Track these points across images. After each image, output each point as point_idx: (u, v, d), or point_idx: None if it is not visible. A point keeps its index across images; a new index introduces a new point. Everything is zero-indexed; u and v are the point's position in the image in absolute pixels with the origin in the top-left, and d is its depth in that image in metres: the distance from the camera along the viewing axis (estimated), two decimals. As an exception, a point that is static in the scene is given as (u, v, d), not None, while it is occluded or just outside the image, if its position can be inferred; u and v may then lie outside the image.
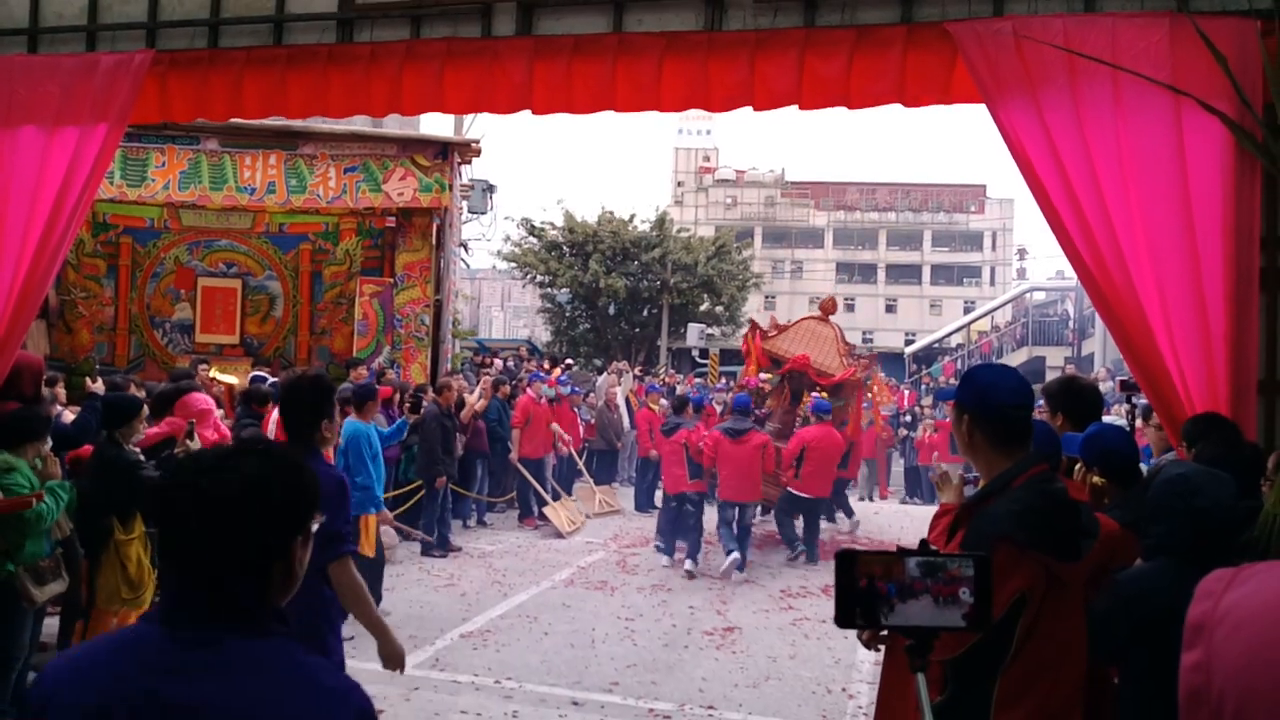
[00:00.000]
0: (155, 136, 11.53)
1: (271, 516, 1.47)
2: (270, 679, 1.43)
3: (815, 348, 11.13)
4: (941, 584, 2.04)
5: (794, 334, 11.49)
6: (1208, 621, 1.03)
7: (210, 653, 1.43)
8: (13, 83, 5.16)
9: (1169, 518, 2.60)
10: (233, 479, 1.46)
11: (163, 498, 1.49)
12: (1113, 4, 4.09)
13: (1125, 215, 3.84)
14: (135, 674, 1.43)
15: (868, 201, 54.23)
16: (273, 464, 1.50)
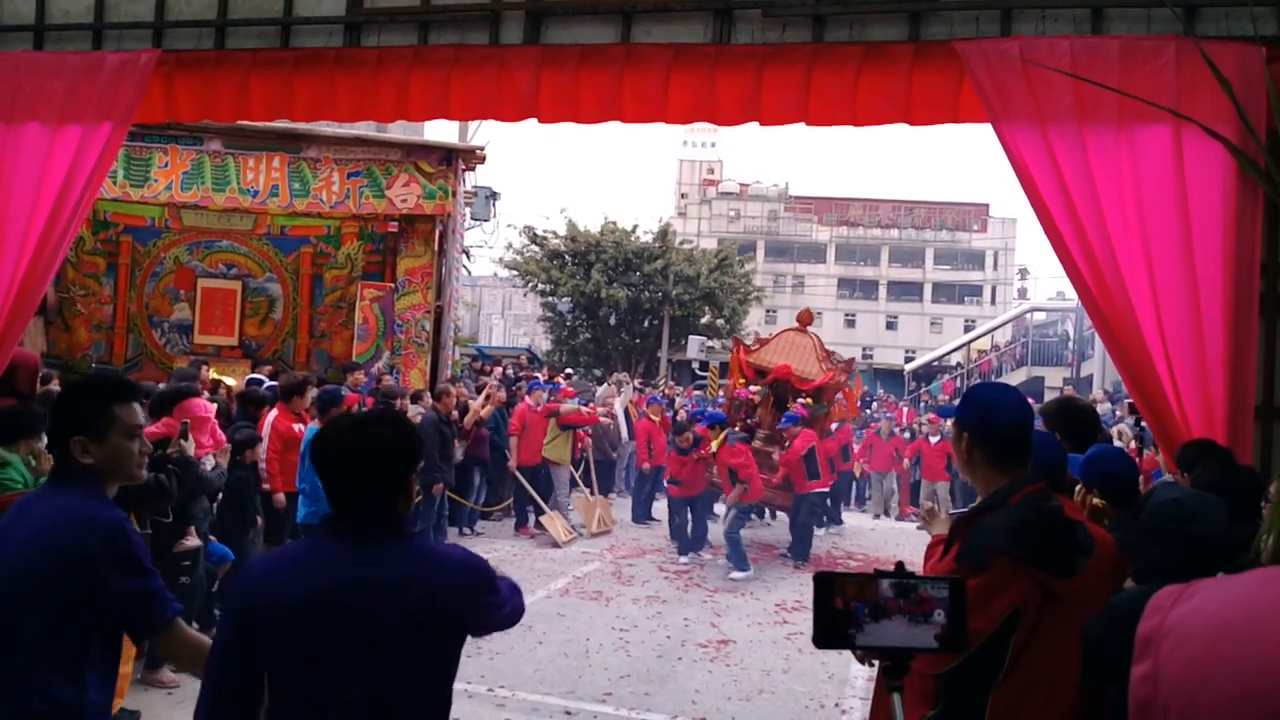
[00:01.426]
0: (159, 136, 11.54)
1: (400, 461, 2.15)
2: (422, 560, 2.14)
3: (795, 357, 11.81)
4: (915, 605, 2.06)
5: (775, 346, 12.23)
6: (1155, 635, 1.09)
7: (380, 549, 2.10)
8: (18, 79, 5.17)
9: (1163, 541, 2.60)
10: (378, 436, 2.14)
11: (326, 449, 2.15)
12: (1119, 25, 4.11)
13: (1126, 237, 3.85)
14: (330, 569, 2.08)
15: (870, 218, 54.34)
16: (396, 426, 2.20)
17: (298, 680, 2.09)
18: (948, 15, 4.34)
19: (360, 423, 2.22)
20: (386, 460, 2.14)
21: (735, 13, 4.60)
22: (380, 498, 2.15)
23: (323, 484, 2.18)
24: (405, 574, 2.10)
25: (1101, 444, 3.79)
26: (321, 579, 2.08)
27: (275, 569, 2.16)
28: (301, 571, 2.10)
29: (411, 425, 2.29)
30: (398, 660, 2.09)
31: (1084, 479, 3.33)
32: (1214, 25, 4.03)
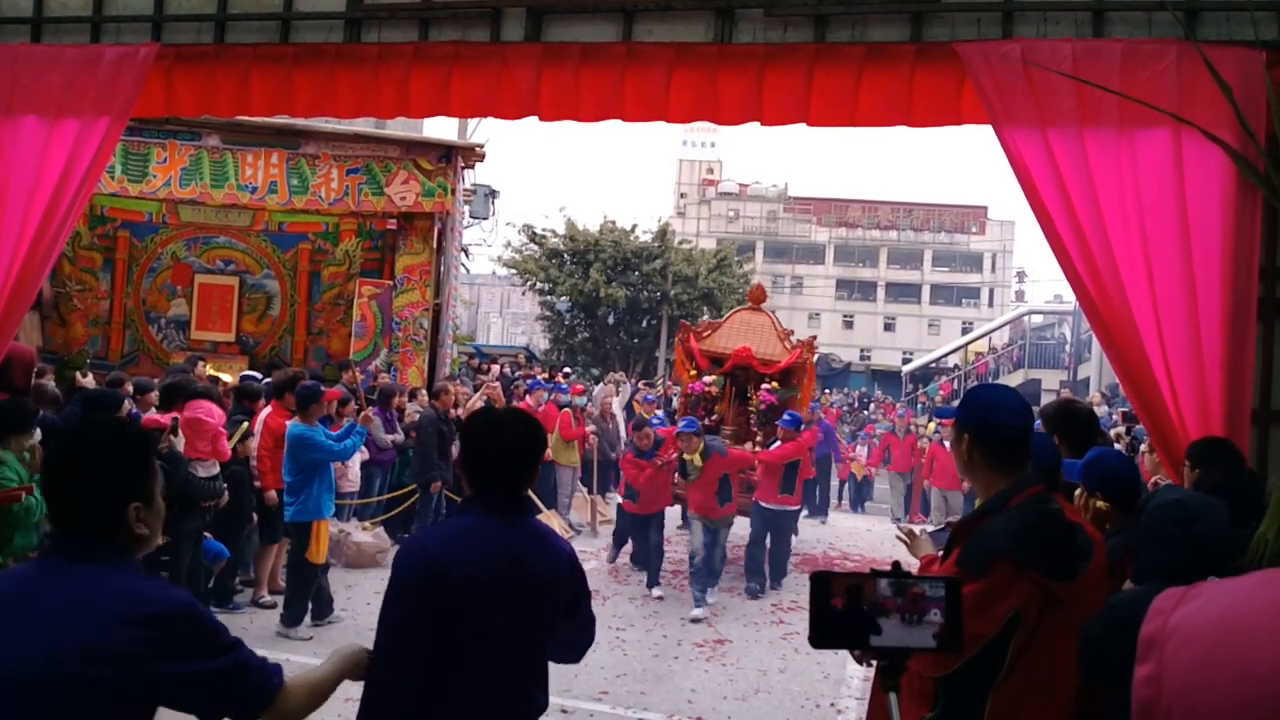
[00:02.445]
0: (157, 131, 11.51)
1: (534, 451, 2.61)
2: (545, 536, 2.63)
3: (754, 338, 10.56)
4: (911, 604, 2.06)
5: (729, 328, 10.90)
6: (1158, 637, 1.09)
7: (521, 526, 2.55)
8: (15, 72, 5.14)
9: (1164, 543, 2.59)
10: (518, 429, 2.57)
11: (473, 441, 2.58)
12: (1121, 29, 4.10)
13: (1126, 240, 3.85)
14: (494, 541, 2.46)
15: (869, 219, 54.35)
16: (529, 423, 2.64)
17: (470, 641, 2.40)
18: (949, 17, 4.34)
19: (508, 419, 2.63)
20: (529, 450, 2.58)
21: (737, 12, 4.59)
22: (517, 482, 2.57)
23: (472, 470, 2.58)
24: (537, 549, 2.54)
25: (1101, 447, 3.79)
26: (491, 549, 2.44)
27: (451, 538, 2.48)
28: (475, 542, 2.45)
29: (539, 424, 2.69)
30: (537, 621, 2.53)
31: (1085, 482, 3.33)
32: (1215, 29, 4.03)
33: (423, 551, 2.47)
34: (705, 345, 10.64)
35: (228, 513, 6.94)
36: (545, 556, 2.57)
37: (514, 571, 2.46)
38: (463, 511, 2.60)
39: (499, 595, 2.43)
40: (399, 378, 11.62)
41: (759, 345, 10.40)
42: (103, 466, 1.90)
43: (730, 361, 10.30)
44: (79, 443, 1.96)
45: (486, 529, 2.49)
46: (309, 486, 6.88)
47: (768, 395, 10.02)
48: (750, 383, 10.41)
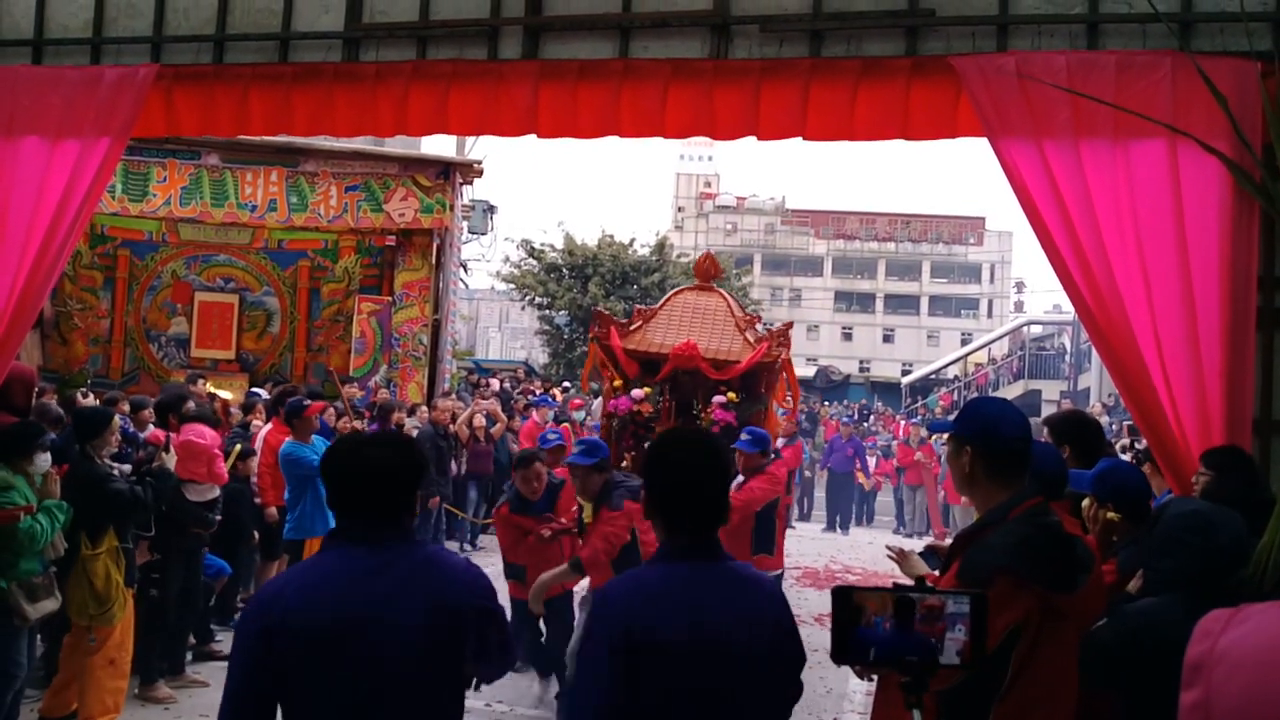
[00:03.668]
0: (156, 151, 11.55)
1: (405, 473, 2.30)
2: (437, 566, 2.29)
3: (701, 329, 7.56)
4: (936, 620, 2.04)
5: (666, 318, 7.72)
6: (1206, 661, 1.05)
7: (395, 550, 2.24)
8: (16, 93, 5.16)
9: (1183, 553, 2.58)
10: (384, 456, 2.28)
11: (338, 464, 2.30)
12: (1115, 41, 4.12)
13: (1123, 251, 3.86)
14: (352, 579, 2.17)
15: (867, 231, 54.50)
16: (401, 445, 2.39)
17: (319, 696, 2.14)
18: (944, 31, 4.36)
19: (368, 442, 2.35)
20: (394, 477, 2.29)
21: (733, 28, 4.62)
22: (387, 509, 2.28)
23: (333, 498, 2.31)
24: (422, 576, 2.23)
25: (1110, 458, 3.80)
26: (345, 590, 2.17)
27: (295, 585, 2.22)
28: (325, 585, 2.18)
29: (413, 446, 2.44)
30: (415, 676, 2.18)
31: (1096, 493, 3.33)
32: (1209, 41, 4.05)
33: (265, 600, 2.23)
34: (633, 344, 7.48)
35: (229, 530, 6.92)
36: (429, 591, 2.22)
37: (376, 618, 2.14)
38: (325, 547, 2.34)
39: (352, 646, 2.13)
40: (399, 393, 11.62)
41: (709, 339, 7.45)
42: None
43: (668, 364, 7.29)
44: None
45: (346, 567, 2.21)
46: (302, 503, 6.88)
47: (722, 412, 7.13)
48: (699, 393, 7.43)
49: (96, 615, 5.15)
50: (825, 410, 24.84)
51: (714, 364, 7.32)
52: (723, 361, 7.32)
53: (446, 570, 2.31)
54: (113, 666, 5.27)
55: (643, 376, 7.57)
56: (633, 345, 7.59)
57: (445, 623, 2.21)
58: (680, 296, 8.12)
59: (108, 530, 5.22)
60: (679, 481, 2.25)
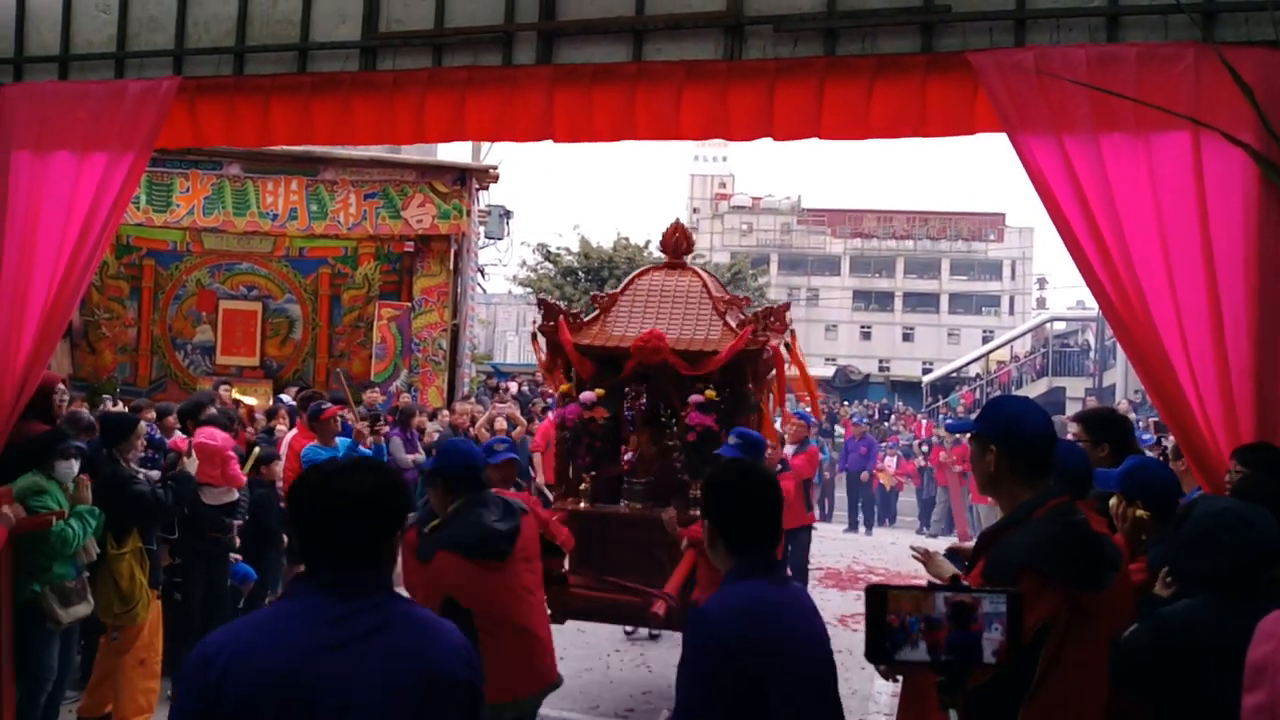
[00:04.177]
0: (179, 162, 11.69)
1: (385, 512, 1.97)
2: (414, 628, 1.92)
3: (672, 314, 6.17)
4: (972, 620, 2.03)
5: (629, 304, 6.29)
6: (1271, 662, 1.03)
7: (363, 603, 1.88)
8: (45, 109, 5.26)
9: (1213, 550, 2.55)
10: (359, 484, 1.93)
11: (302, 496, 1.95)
12: (1136, 33, 4.09)
13: (1146, 246, 3.82)
14: (307, 632, 1.83)
15: (885, 229, 54.28)
16: (379, 475, 1.99)
17: None
18: (961, 27, 4.33)
19: (341, 469, 2.00)
20: (372, 511, 1.93)
21: (746, 28, 4.61)
22: (363, 551, 1.92)
23: (300, 536, 1.97)
24: (394, 641, 1.87)
25: (1138, 455, 3.77)
26: (297, 651, 1.82)
27: (243, 639, 1.87)
28: (276, 643, 1.82)
29: (397, 474, 2.07)
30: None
31: (1124, 491, 3.31)
32: (1233, 30, 4.00)
33: (204, 655, 1.86)
34: (586, 337, 6.09)
35: (256, 534, 6.99)
36: (400, 659, 1.85)
37: (334, 676, 1.80)
38: (288, 593, 2.00)
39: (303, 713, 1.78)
40: (419, 398, 11.68)
41: (681, 326, 6.04)
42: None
43: (632, 360, 5.85)
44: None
45: (301, 619, 1.86)
46: None
47: (699, 415, 5.75)
48: (672, 394, 6.11)
49: (120, 614, 5.27)
50: (845, 410, 24.75)
51: (686, 357, 5.78)
52: (697, 353, 5.79)
53: (425, 634, 1.92)
54: (143, 667, 5.39)
55: (603, 377, 6.06)
56: (586, 340, 6.02)
57: (413, 702, 1.83)
58: (645, 278, 6.45)
59: (132, 531, 5.33)
60: (748, 508, 2.41)
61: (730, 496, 2.45)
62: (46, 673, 4.89)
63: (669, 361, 5.78)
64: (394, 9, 5.07)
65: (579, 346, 6.03)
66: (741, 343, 5.69)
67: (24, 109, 5.33)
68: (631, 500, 5.94)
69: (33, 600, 4.77)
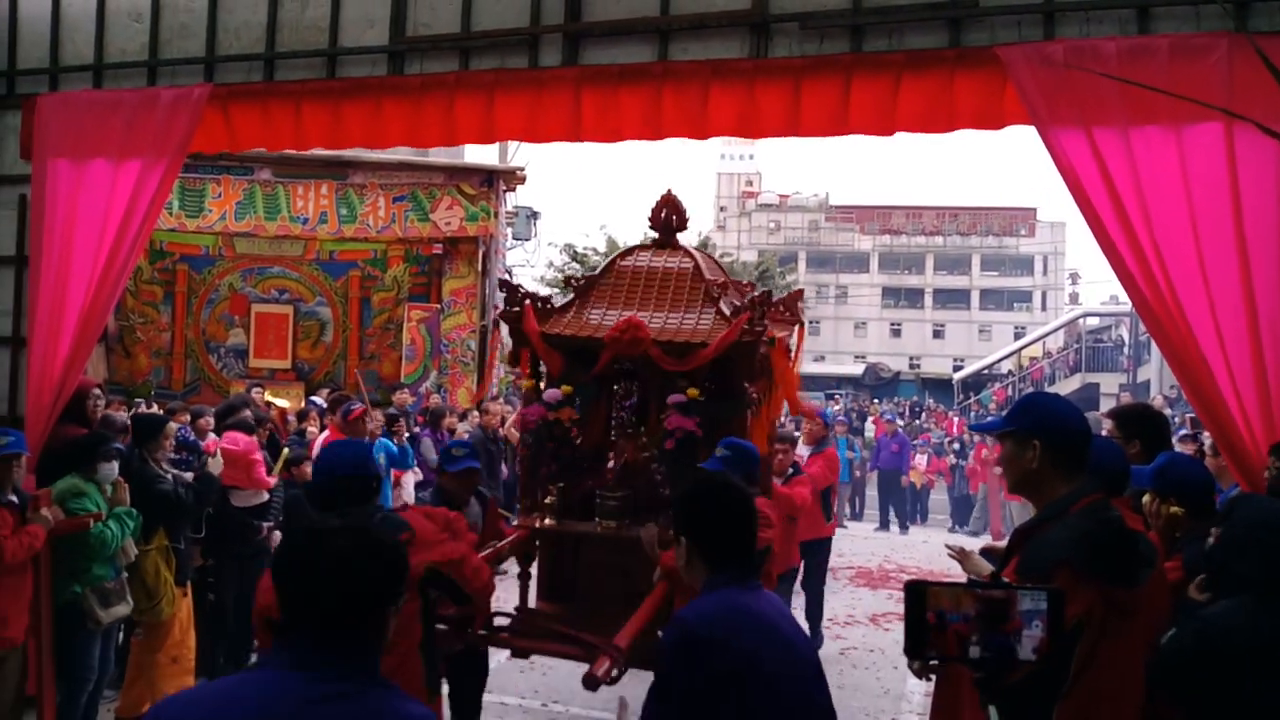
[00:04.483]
0: (211, 167, 11.85)
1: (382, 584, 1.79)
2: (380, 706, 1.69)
3: (658, 300, 5.25)
4: (1011, 617, 2.02)
5: (609, 289, 5.37)
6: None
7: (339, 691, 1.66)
8: (80, 117, 5.36)
9: (1260, 554, 2.51)
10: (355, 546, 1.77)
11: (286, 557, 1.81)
12: (1167, 24, 4.04)
13: (1179, 239, 3.78)
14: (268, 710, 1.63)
15: (914, 225, 53.87)
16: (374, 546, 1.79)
17: None
18: (989, 21, 4.30)
19: (331, 530, 1.82)
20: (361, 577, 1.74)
21: (772, 26, 4.61)
22: (341, 623, 1.72)
23: (281, 602, 1.78)
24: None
25: (1170, 452, 3.72)
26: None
27: (201, 709, 1.69)
28: (231, 713, 1.65)
29: (389, 543, 1.86)
30: None
31: (1157, 488, 3.28)
32: (1267, 20, 3.94)
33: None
34: (557, 326, 5.17)
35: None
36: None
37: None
38: (257, 663, 1.91)
39: None
40: (448, 399, 11.76)
41: (668, 314, 5.14)
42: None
43: (607, 353, 4.92)
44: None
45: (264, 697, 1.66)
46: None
47: (679, 418, 4.81)
48: (655, 392, 5.09)
49: (146, 610, 5.35)
50: (875, 408, 24.62)
51: (670, 349, 4.87)
52: (683, 345, 4.88)
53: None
54: (176, 665, 5.49)
55: (575, 372, 5.11)
56: (556, 329, 5.13)
57: None
58: (630, 259, 5.49)
59: (158, 529, 5.42)
60: (725, 525, 2.39)
61: (706, 512, 2.44)
62: (87, 673, 4.98)
63: (649, 354, 4.86)
64: (421, 13, 5.12)
65: (547, 336, 5.11)
66: (734, 333, 4.80)
67: (60, 118, 5.44)
68: (606, 518, 4.84)
69: (73, 601, 4.87)
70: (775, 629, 2.31)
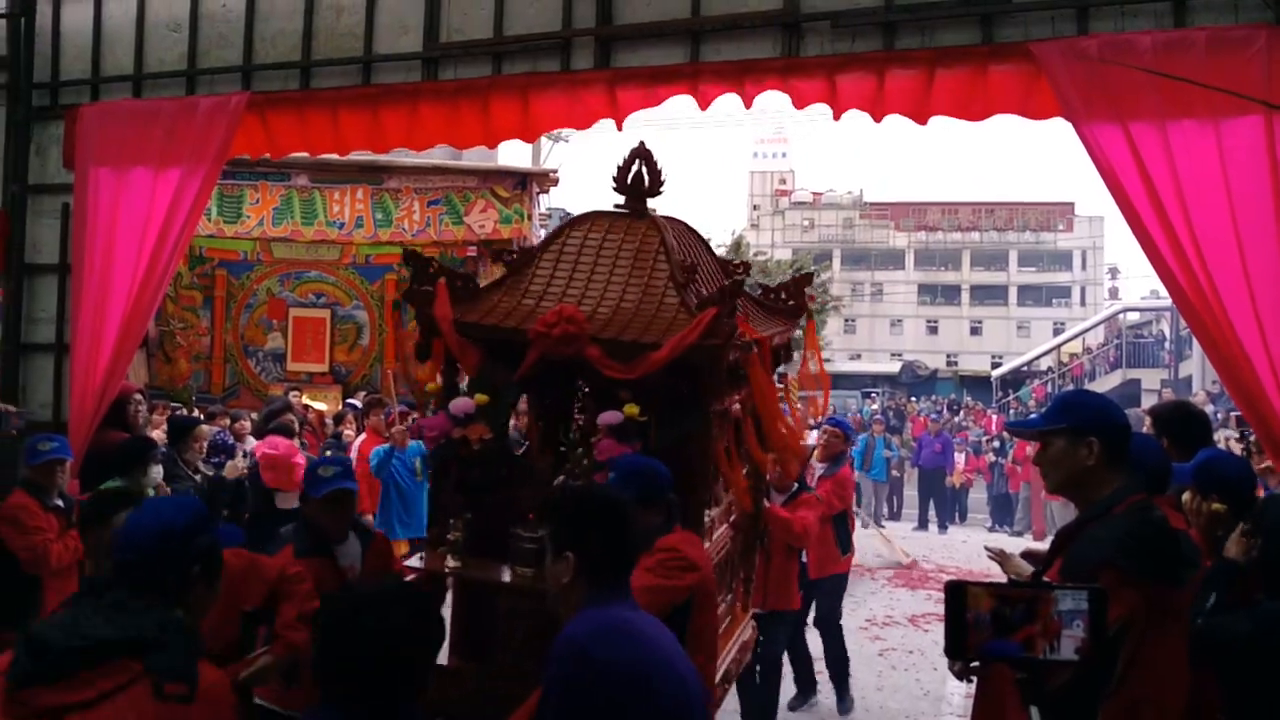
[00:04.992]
0: (249, 174, 12.01)
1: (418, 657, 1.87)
2: None
3: (609, 283, 3.98)
4: (1054, 617, 2.01)
5: (549, 267, 4.11)
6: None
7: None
8: (121, 127, 5.47)
9: None
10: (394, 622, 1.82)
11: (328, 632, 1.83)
12: (1204, 17, 3.98)
13: (1218, 233, 3.72)
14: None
15: (950, 221, 53.32)
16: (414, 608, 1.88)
17: None
18: (1022, 16, 4.26)
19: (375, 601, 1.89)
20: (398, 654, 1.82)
21: (804, 25, 4.59)
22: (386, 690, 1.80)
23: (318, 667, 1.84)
24: None
25: (1211, 449, 3.67)
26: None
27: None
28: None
29: (430, 607, 1.96)
30: None
31: (1198, 485, 3.23)
32: (1306, 11, 3.88)
33: None
34: (478, 311, 3.98)
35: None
36: None
37: None
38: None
39: None
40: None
41: (620, 302, 3.91)
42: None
43: (533, 350, 3.72)
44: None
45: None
46: (385, 504, 7.16)
47: (612, 443, 3.62)
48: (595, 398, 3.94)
49: None
50: (912, 406, 24.43)
51: (613, 350, 3.63)
52: (631, 345, 3.62)
53: None
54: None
55: (496, 372, 3.91)
56: (475, 315, 3.92)
57: None
58: (582, 229, 4.18)
59: None
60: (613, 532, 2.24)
61: (591, 521, 2.26)
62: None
63: (587, 357, 3.62)
64: (454, 19, 5.16)
65: (463, 325, 3.88)
66: (694, 335, 3.51)
67: (101, 128, 5.55)
68: (521, 563, 3.59)
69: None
70: (660, 648, 2.19)
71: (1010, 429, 5.23)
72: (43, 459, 4.64)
